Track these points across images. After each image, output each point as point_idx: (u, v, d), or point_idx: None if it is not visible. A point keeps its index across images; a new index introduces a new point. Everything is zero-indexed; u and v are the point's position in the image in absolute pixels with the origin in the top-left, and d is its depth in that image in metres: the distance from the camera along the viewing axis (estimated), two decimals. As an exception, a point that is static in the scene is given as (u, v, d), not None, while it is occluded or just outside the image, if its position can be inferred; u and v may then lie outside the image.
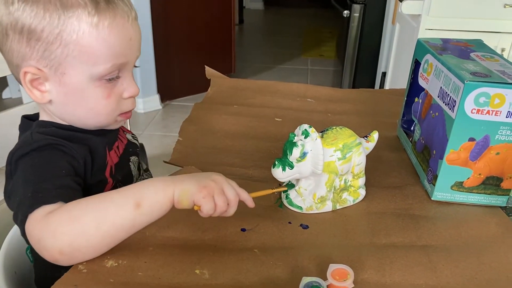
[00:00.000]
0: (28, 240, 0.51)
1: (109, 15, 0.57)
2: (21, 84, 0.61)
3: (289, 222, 0.62)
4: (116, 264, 0.52)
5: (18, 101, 2.44)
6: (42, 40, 0.56)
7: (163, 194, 0.53)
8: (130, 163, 0.73)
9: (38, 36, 0.56)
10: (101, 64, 0.58)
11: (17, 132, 0.74)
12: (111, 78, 0.61)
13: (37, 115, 0.67)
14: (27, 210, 0.51)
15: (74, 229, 0.50)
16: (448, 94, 0.64)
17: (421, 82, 0.76)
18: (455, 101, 0.62)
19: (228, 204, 0.55)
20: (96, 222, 0.50)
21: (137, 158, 0.76)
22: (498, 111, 0.60)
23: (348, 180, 0.66)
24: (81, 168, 0.60)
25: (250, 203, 0.58)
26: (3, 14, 0.58)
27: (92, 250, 0.52)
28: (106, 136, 0.69)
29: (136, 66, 0.67)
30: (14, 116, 0.93)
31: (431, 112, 0.71)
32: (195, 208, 0.54)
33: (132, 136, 0.79)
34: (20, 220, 0.52)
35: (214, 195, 0.54)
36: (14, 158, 0.58)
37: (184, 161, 0.75)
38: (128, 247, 0.53)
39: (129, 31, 0.60)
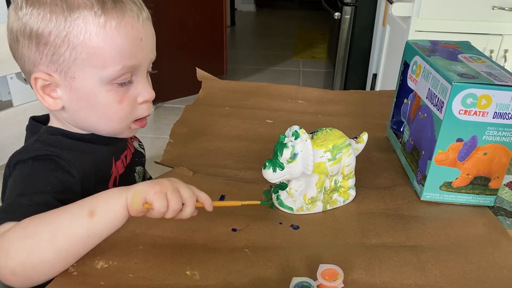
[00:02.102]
0: None
1: (116, 15, 0.56)
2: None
3: (280, 223, 0.63)
4: (107, 265, 0.52)
5: (8, 104, 2.42)
6: (50, 44, 0.55)
7: (116, 200, 0.50)
8: (135, 174, 0.72)
9: (46, 40, 0.55)
10: (110, 66, 0.57)
11: (8, 134, 0.73)
12: (123, 83, 0.59)
13: (46, 116, 0.66)
14: None
15: (27, 245, 0.47)
16: (436, 95, 0.65)
17: (410, 83, 0.77)
18: (443, 102, 0.63)
19: (183, 204, 0.52)
20: (50, 235, 0.48)
21: (142, 168, 0.75)
22: (485, 112, 0.61)
23: (338, 181, 0.66)
24: (77, 184, 0.59)
25: (208, 206, 0.55)
26: (13, 20, 0.57)
27: (47, 267, 0.48)
28: (114, 145, 0.67)
29: (152, 71, 0.65)
30: (4, 118, 0.93)
31: (419, 113, 0.71)
32: (145, 206, 0.50)
33: (139, 144, 0.78)
34: None
35: (167, 192, 0.50)
36: (13, 162, 0.57)
37: (175, 163, 0.75)
38: (117, 247, 0.53)
39: (139, 31, 0.59)
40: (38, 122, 0.65)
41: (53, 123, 0.64)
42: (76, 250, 0.50)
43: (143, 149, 0.78)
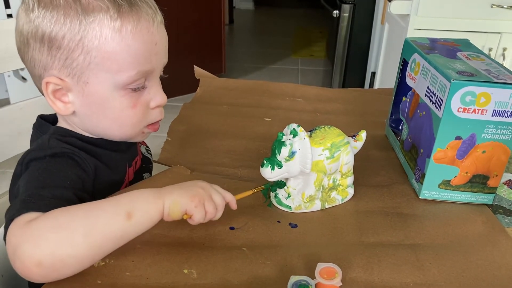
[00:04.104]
0: (6, 247, 0.46)
1: (132, 19, 0.55)
2: (43, 95, 0.59)
3: (278, 221, 0.62)
4: (103, 263, 0.52)
5: (5, 102, 2.42)
6: (63, 48, 0.54)
7: (154, 206, 0.51)
8: None
9: (59, 44, 0.54)
10: (124, 71, 0.56)
11: (5, 132, 0.72)
12: (137, 88, 0.58)
13: (54, 116, 0.65)
14: (14, 214, 0.48)
15: (60, 236, 0.46)
16: (435, 93, 0.65)
17: (409, 81, 0.77)
18: (442, 100, 0.62)
19: (216, 209, 0.55)
20: (85, 230, 0.47)
21: (149, 175, 0.74)
22: (484, 109, 0.61)
23: (337, 179, 0.66)
24: (90, 183, 0.58)
25: (234, 205, 0.58)
26: (24, 23, 0.56)
27: (76, 261, 0.47)
28: (127, 152, 0.67)
29: (163, 75, 0.64)
30: (0, 117, 0.92)
31: (418, 111, 0.71)
32: (185, 217, 0.53)
33: (146, 149, 0.77)
34: (6, 222, 0.49)
35: (205, 202, 0.53)
36: (26, 160, 0.56)
37: (172, 161, 0.75)
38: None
39: (154, 36, 0.58)
40: (47, 122, 0.64)
41: (62, 124, 0.63)
42: (106, 248, 0.49)
43: (150, 154, 0.77)
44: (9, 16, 2.19)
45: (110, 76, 0.56)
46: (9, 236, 0.46)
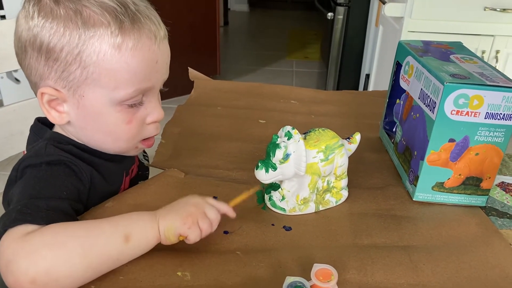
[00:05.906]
0: None
1: (133, 36, 0.54)
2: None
3: (272, 224, 0.62)
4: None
5: (-1, 103, 2.40)
6: (60, 60, 0.53)
7: (150, 230, 0.51)
8: None
9: (56, 56, 0.53)
10: (122, 88, 0.55)
11: (1, 135, 0.71)
12: (133, 104, 0.57)
13: None
14: (8, 224, 0.46)
15: (56, 255, 0.45)
16: (429, 96, 0.65)
17: (402, 83, 0.77)
18: (435, 102, 0.63)
19: (211, 224, 0.54)
20: (83, 250, 0.46)
21: None
22: (477, 112, 0.61)
23: (331, 182, 0.66)
24: (86, 193, 0.58)
25: (231, 214, 0.58)
26: (23, 29, 0.55)
27: (70, 281, 0.46)
28: (123, 162, 0.66)
29: (163, 89, 0.63)
30: (-6, 118, 0.92)
31: (412, 113, 0.71)
32: (180, 238, 0.53)
33: (143, 155, 0.76)
34: None
35: (198, 220, 0.53)
36: (22, 166, 0.55)
37: (167, 164, 0.75)
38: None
39: (155, 54, 0.56)
40: (44, 125, 0.63)
41: (58, 130, 0.62)
42: (102, 269, 0.49)
43: (147, 160, 0.77)
44: (2, 17, 2.18)
45: (107, 92, 0.55)
46: (3, 248, 0.45)
